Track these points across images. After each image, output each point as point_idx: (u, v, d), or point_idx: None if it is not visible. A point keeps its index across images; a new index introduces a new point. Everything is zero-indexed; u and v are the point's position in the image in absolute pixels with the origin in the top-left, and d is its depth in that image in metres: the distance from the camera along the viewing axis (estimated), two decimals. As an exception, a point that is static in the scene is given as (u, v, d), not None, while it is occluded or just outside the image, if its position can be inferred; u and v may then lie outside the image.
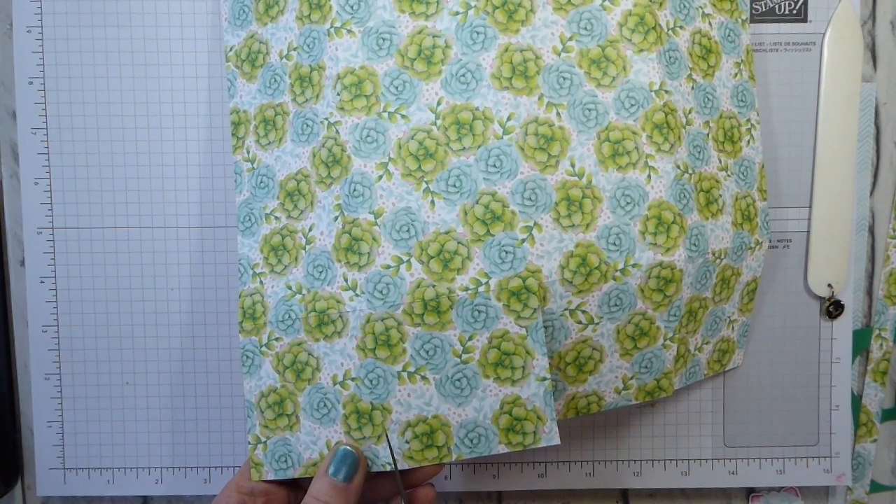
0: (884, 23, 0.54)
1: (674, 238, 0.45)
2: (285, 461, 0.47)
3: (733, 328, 0.53)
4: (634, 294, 0.46)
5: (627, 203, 0.45)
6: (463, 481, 0.55)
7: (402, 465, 0.46)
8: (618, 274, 0.45)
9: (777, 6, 0.53)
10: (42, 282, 0.53)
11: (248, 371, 0.48)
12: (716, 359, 0.53)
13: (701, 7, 0.49)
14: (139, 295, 0.53)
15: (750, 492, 0.57)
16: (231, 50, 0.50)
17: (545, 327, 0.45)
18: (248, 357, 0.48)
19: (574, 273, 0.45)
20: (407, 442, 0.46)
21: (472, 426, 0.45)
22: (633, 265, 0.45)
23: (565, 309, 0.45)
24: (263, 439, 0.48)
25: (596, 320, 0.46)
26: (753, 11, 0.53)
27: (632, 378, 0.48)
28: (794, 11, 0.53)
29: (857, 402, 0.56)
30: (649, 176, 0.45)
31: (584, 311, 0.45)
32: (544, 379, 0.45)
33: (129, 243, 0.53)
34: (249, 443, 0.48)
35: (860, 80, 0.53)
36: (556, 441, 0.45)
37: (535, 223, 0.45)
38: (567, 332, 0.46)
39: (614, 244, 0.45)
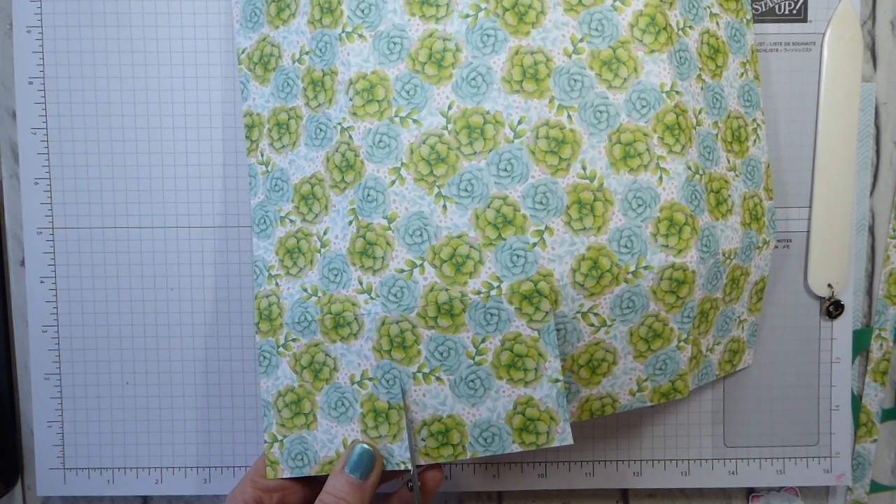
0: (884, 23, 0.54)
1: (686, 239, 0.45)
2: (301, 459, 0.48)
3: (743, 328, 0.53)
4: (647, 296, 0.46)
5: (639, 205, 0.45)
6: (463, 481, 0.55)
7: (419, 461, 0.46)
8: (629, 276, 0.45)
9: (777, 6, 0.53)
10: (42, 282, 0.53)
11: (265, 371, 0.49)
12: (727, 359, 0.53)
13: (708, 7, 0.49)
14: (139, 295, 0.54)
15: (750, 492, 0.57)
16: (243, 52, 0.50)
17: (557, 330, 0.46)
18: (265, 357, 0.49)
19: (585, 276, 0.45)
20: (423, 440, 0.46)
21: (485, 426, 0.46)
22: (645, 267, 0.45)
23: (577, 312, 0.46)
24: (280, 438, 0.48)
25: (608, 323, 0.46)
26: (753, 11, 0.53)
27: (646, 380, 0.48)
28: (794, 11, 0.53)
29: (857, 402, 0.56)
30: (661, 177, 0.46)
31: (596, 314, 0.46)
32: (557, 380, 0.45)
33: (129, 243, 0.53)
34: (266, 441, 0.48)
35: (860, 80, 0.53)
36: (569, 441, 0.46)
37: (547, 227, 0.45)
38: (580, 334, 0.46)
39: (626, 247, 0.45)
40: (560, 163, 0.45)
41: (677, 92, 0.46)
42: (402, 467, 0.46)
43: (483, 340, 0.45)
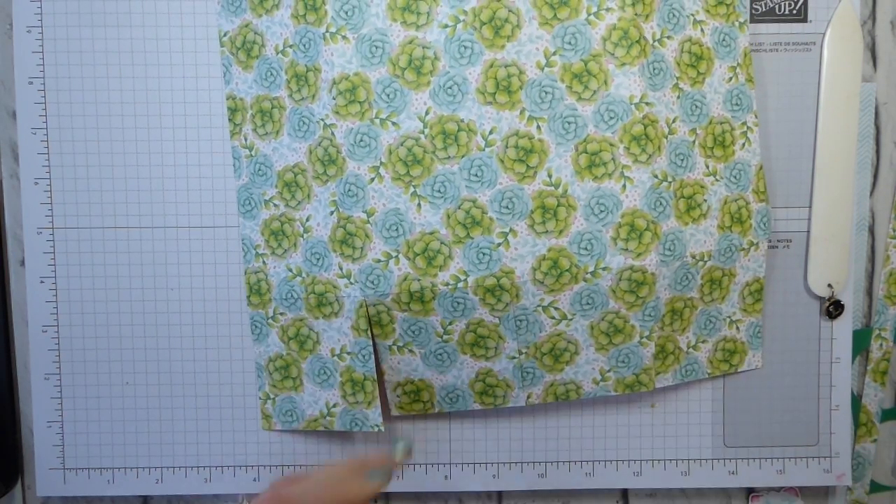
0: (884, 23, 0.55)
1: (646, 244, 0.50)
2: (291, 416, 0.54)
3: (737, 328, 0.55)
4: (606, 294, 0.50)
5: (601, 211, 0.50)
6: (463, 481, 0.56)
7: (394, 412, 0.54)
8: (588, 276, 0.50)
9: (777, 6, 0.53)
10: (42, 282, 0.54)
11: (257, 338, 0.54)
12: (721, 358, 0.56)
13: (692, 14, 0.52)
14: (139, 295, 0.54)
15: (750, 492, 0.57)
16: (225, 35, 0.54)
17: (520, 320, 0.51)
18: (256, 326, 0.54)
19: (545, 274, 0.50)
20: (398, 396, 0.53)
21: (451, 388, 0.53)
22: (604, 268, 0.50)
23: (538, 305, 0.50)
24: (272, 396, 0.54)
25: (569, 316, 0.51)
26: (753, 11, 0.54)
27: (609, 371, 0.53)
28: (794, 11, 0.54)
29: (857, 402, 0.57)
30: (624, 185, 0.50)
31: (556, 308, 0.51)
32: (514, 357, 0.51)
33: (129, 243, 0.54)
34: (260, 398, 0.54)
35: (860, 80, 0.54)
36: (522, 403, 0.52)
37: (511, 229, 0.50)
38: (541, 325, 0.51)
39: (586, 249, 0.50)
40: (527, 170, 0.50)
41: (647, 103, 0.50)
42: (376, 430, 0.52)
43: (450, 323, 0.51)
